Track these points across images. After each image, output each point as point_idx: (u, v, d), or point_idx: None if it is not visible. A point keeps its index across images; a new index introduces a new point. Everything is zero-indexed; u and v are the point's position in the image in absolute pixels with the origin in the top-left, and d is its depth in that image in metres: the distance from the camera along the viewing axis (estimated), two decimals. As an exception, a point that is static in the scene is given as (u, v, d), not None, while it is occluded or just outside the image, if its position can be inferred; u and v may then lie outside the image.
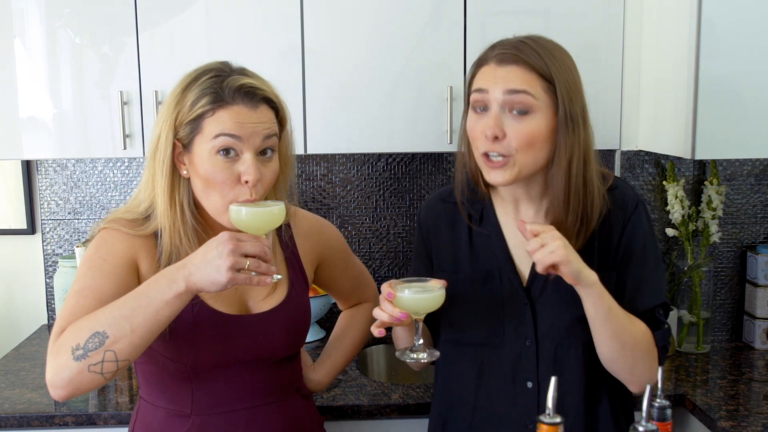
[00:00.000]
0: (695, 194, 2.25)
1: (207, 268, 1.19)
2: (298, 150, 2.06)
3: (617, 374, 1.36)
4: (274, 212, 1.30)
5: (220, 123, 1.29)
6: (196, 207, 1.38)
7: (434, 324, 1.49)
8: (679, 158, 2.19)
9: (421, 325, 1.33)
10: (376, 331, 1.30)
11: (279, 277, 1.28)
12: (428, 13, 2.03)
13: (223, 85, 1.31)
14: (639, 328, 1.35)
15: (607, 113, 2.09)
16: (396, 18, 2.03)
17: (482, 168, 1.34)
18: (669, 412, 1.14)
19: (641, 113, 2.10)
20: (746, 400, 1.87)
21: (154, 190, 1.36)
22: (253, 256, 1.22)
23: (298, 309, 1.48)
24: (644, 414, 1.08)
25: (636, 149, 2.15)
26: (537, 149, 1.30)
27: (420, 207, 1.55)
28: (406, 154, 2.43)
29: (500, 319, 1.40)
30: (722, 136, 1.82)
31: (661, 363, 1.37)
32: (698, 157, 1.82)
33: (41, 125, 2.07)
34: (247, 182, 1.31)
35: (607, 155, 2.24)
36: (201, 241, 1.35)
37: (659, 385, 1.16)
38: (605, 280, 1.31)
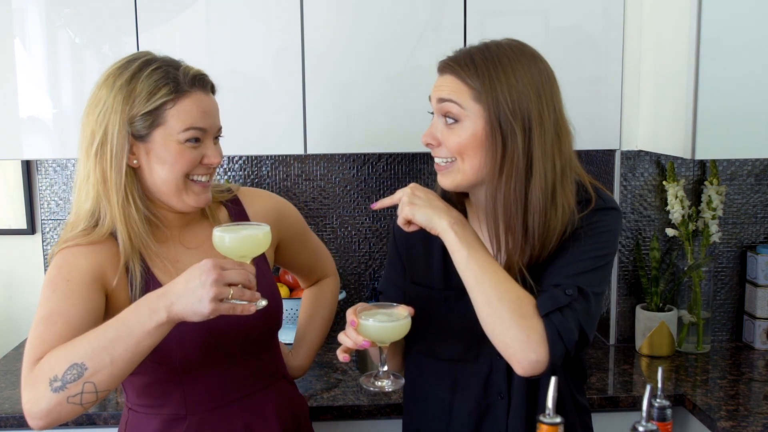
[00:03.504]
0: (695, 194, 2.25)
1: (189, 298, 1.17)
2: (298, 150, 2.06)
3: (494, 344, 1.25)
4: (259, 237, 1.29)
5: (185, 113, 1.31)
6: (146, 197, 1.37)
7: (407, 336, 1.45)
8: (679, 158, 2.19)
9: (386, 352, 1.30)
10: (341, 356, 1.27)
11: (264, 303, 1.25)
12: (428, 13, 2.03)
13: (178, 74, 1.32)
14: (513, 287, 1.23)
15: (607, 113, 2.09)
16: (396, 18, 2.03)
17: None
18: (669, 412, 1.14)
19: (641, 113, 2.10)
20: (746, 400, 1.87)
21: (99, 187, 1.33)
22: (237, 284, 1.20)
23: (267, 290, 1.46)
24: (644, 414, 1.08)
25: (636, 149, 2.15)
26: (471, 156, 1.28)
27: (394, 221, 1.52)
28: (406, 154, 2.43)
29: (474, 336, 1.37)
30: (722, 136, 1.82)
31: (554, 351, 1.20)
32: (698, 157, 1.82)
33: (41, 125, 2.07)
34: (210, 164, 1.35)
35: (607, 155, 2.24)
36: (153, 228, 1.37)
37: (659, 385, 1.16)
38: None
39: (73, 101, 2.05)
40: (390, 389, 1.30)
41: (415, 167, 2.44)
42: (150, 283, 1.35)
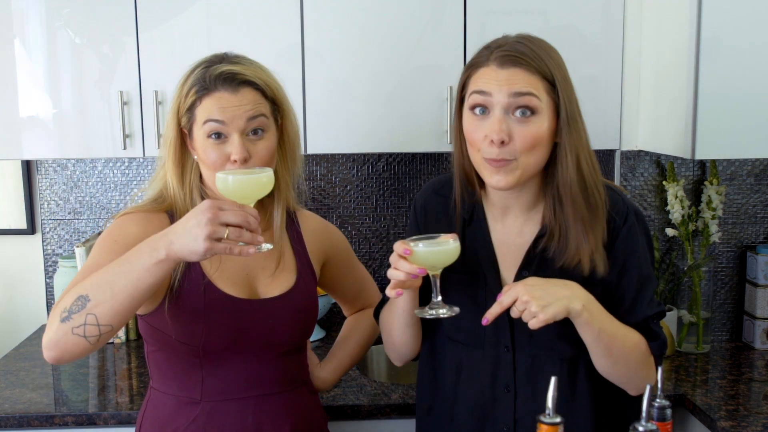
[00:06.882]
0: (695, 194, 2.25)
1: (186, 236, 1.20)
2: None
3: (615, 383, 1.38)
4: (262, 179, 1.31)
5: (207, 110, 1.38)
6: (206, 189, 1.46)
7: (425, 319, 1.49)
8: (679, 158, 2.19)
9: (438, 281, 1.29)
10: (393, 293, 1.27)
11: (269, 246, 1.28)
12: (428, 13, 2.03)
13: (206, 75, 1.39)
14: (632, 341, 1.34)
15: (607, 113, 2.09)
16: (396, 18, 2.03)
17: (484, 171, 1.32)
18: (669, 412, 1.14)
19: (641, 113, 2.10)
20: (746, 400, 1.87)
21: (166, 174, 1.45)
22: (236, 226, 1.21)
23: (306, 298, 1.50)
24: (644, 414, 1.08)
25: (636, 149, 2.15)
26: (539, 150, 1.29)
27: (415, 194, 1.55)
28: (406, 154, 2.43)
29: (480, 323, 1.36)
30: (722, 136, 1.82)
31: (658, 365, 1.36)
32: (698, 157, 1.82)
33: (41, 125, 2.07)
34: (235, 161, 1.37)
35: (607, 155, 2.24)
36: None
37: (659, 385, 1.16)
38: (592, 293, 1.31)
39: (73, 101, 2.06)
40: (445, 316, 1.30)
41: (415, 167, 2.44)
42: (192, 265, 1.41)
